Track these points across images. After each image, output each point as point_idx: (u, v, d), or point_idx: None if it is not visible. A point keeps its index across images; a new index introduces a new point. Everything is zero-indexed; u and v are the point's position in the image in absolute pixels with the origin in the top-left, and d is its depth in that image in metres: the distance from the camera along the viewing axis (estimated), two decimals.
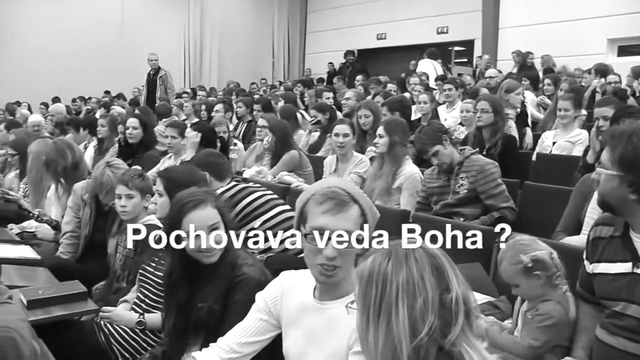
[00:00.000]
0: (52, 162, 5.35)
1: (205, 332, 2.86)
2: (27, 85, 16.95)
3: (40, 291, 3.51)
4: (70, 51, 18.09)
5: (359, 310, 1.70)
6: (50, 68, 17.66)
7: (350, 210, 2.20)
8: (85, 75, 17.67)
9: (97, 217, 4.74)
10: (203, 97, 14.18)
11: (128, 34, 19.17)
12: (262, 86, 17.76)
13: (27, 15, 18.02)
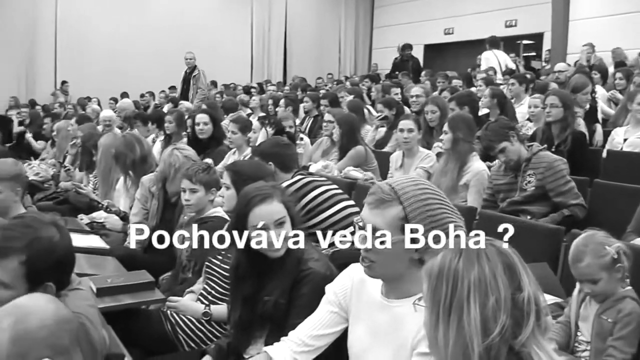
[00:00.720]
0: (121, 155, 5.47)
1: (271, 325, 2.88)
2: (97, 81, 17.32)
3: (109, 280, 3.59)
4: (138, 49, 18.43)
5: (428, 308, 1.67)
6: (120, 65, 18.01)
7: (389, 209, 2.17)
8: (152, 71, 17.94)
9: (165, 209, 4.82)
10: (273, 91, 14.24)
11: (194, 31, 19.37)
12: (328, 81, 17.75)
13: (99, 16, 18.42)
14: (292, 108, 9.73)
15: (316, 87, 15.99)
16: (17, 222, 2.37)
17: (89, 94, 16.08)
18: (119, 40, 18.34)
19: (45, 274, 2.26)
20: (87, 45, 18.10)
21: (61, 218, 3.00)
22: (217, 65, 18.27)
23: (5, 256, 2.27)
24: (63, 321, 1.79)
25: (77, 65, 18.01)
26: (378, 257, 2.19)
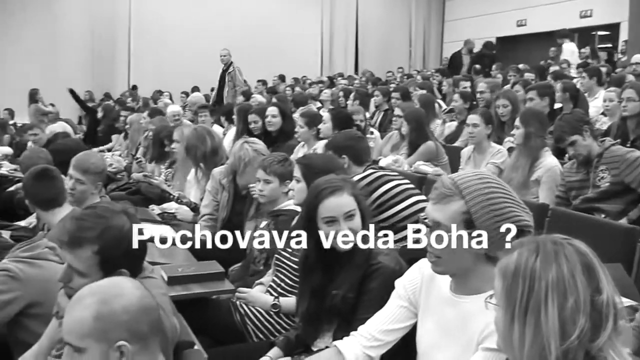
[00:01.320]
0: (192, 148, 5.55)
1: (339, 319, 2.87)
2: (169, 76, 17.63)
3: (180, 269, 3.66)
4: (209, 44, 18.67)
5: (502, 307, 1.64)
6: (190, 60, 18.31)
7: (450, 204, 2.15)
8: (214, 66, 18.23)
9: (235, 201, 4.88)
10: (344, 85, 14.23)
11: (264, 25, 19.53)
12: (398, 75, 17.65)
13: (171, 12, 18.78)
14: (362, 102, 9.70)
15: (386, 81, 15.91)
16: (90, 212, 2.43)
17: (160, 88, 16.36)
18: (190, 36, 18.64)
19: (117, 262, 2.31)
20: (159, 41, 18.47)
21: (132, 207, 3.07)
22: (287, 59, 18.40)
23: (80, 246, 2.34)
24: (145, 309, 1.84)
25: (150, 60, 18.38)
26: (443, 252, 2.17)
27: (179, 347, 2.49)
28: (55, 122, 9.74)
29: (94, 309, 1.78)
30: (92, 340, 1.78)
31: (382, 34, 22.02)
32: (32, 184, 3.82)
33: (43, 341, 2.78)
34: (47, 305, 2.79)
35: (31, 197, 3.84)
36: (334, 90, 12.02)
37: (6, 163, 8.77)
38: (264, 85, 15.63)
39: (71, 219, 2.43)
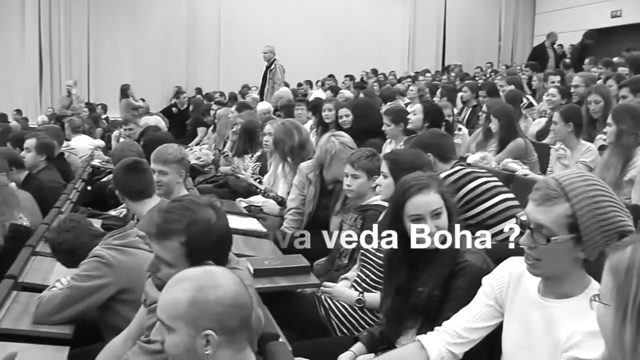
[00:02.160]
0: (279, 142, 5.60)
1: (424, 317, 2.85)
2: (258, 70, 17.84)
3: (266, 262, 3.70)
4: (297, 40, 18.85)
5: (613, 306, 1.55)
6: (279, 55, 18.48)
7: (555, 207, 2.08)
8: (311, 61, 18.30)
9: (322, 195, 4.90)
10: (428, 80, 14.10)
11: (353, 19, 19.54)
12: (487, 70, 17.35)
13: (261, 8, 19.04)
14: (449, 98, 9.58)
15: (474, 76, 15.66)
16: (177, 205, 2.48)
17: (248, 83, 16.57)
18: (279, 32, 18.80)
19: (204, 253, 2.34)
20: (248, 36, 18.70)
21: (219, 200, 3.13)
22: (374, 54, 18.36)
23: (167, 237, 2.39)
24: (238, 305, 1.87)
25: (238, 56, 18.65)
26: (543, 255, 2.12)
27: (264, 339, 2.51)
28: (145, 116, 9.97)
29: (190, 295, 1.83)
30: (182, 322, 1.83)
31: (469, 29, 21.64)
32: (123, 176, 3.93)
33: (132, 327, 2.86)
34: (137, 291, 2.87)
35: (121, 188, 3.95)
36: (420, 85, 11.88)
37: (99, 155, 9.07)
38: (351, 80, 15.63)
39: (159, 211, 2.48)
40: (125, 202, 4.03)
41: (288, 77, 16.31)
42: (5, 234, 4.13)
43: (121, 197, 4.01)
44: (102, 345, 2.98)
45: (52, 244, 3.49)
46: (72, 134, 9.38)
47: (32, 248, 4.10)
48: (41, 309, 3.15)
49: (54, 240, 3.47)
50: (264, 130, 6.33)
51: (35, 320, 3.15)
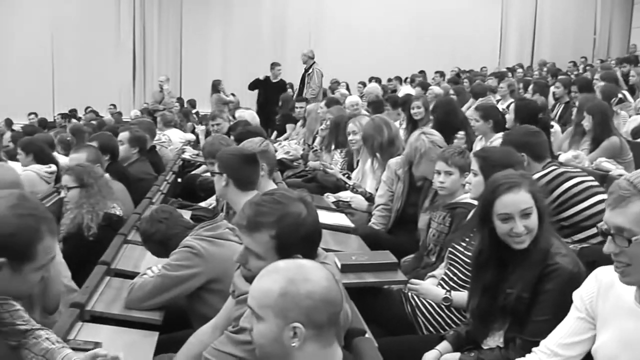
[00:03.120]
0: (369, 138, 5.57)
1: (511, 318, 2.80)
2: (348, 66, 17.89)
3: (353, 257, 3.69)
4: (388, 35, 18.81)
5: None
6: (368, 50, 18.51)
7: (629, 205, 2.01)
8: (401, 56, 18.23)
9: (410, 192, 4.86)
10: (519, 77, 13.82)
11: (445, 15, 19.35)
12: (580, 65, 16.84)
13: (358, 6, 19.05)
14: (542, 93, 9.36)
15: (567, 71, 15.24)
16: (268, 198, 2.49)
17: (338, 78, 16.62)
18: (370, 27, 18.81)
19: (293, 247, 2.35)
20: (338, 32, 18.78)
21: (308, 195, 3.14)
22: (466, 49, 18.13)
23: (258, 230, 2.40)
24: (328, 301, 1.86)
25: (328, 51, 18.72)
26: (630, 259, 2.04)
27: (350, 334, 2.51)
28: (240, 110, 10.10)
29: (281, 285, 1.84)
30: (271, 312, 1.84)
31: (562, 22, 21.05)
32: (239, 165, 3.93)
33: (220, 316, 2.91)
34: (226, 282, 2.91)
35: (234, 176, 3.92)
36: (510, 81, 11.63)
37: (189, 148, 9.25)
38: (441, 76, 15.48)
39: (250, 204, 2.49)
40: (228, 190, 4.01)
41: (378, 73, 16.35)
42: (99, 222, 4.26)
43: (227, 181, 3.99)
44: (190, 332, 3.04)
45: (145, 234, 3.57)
46: (164, 128, 9.60)
47: (124, 236, 4.23)
48: (133, 295, 3.25)
49: (147, 231, 3.55)
50: (348, 129, 6.32)
51: (127, 305, 3.25)
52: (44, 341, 2.34)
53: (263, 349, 1.91)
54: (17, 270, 2.04)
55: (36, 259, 2.05)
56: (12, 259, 2.02)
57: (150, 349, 2.88)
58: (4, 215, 2.01)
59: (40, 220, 2.07)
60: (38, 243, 2.04)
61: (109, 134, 6.64)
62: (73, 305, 3.09)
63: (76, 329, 2.95)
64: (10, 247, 2.00)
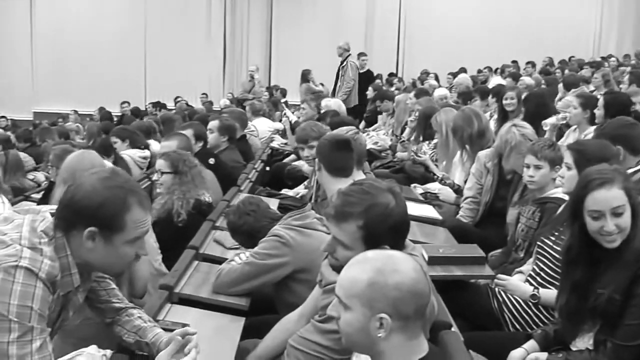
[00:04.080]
0: (458, 129, 5.49)
1: (602, 320, 2.71)
2: (437, 57, 17.74)
3: (441, 250, 3.66)
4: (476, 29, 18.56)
5: None
6: (458, 41, 18.32)
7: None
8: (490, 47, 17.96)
9: (499, 185, 4.77)
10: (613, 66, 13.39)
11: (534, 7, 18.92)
12: None
13: None
14: (638, 84, 9.00)
15: None
16: (356, 188, 2.49)
17: (427, 69, 16.48)
18: (460, 17, 18.59)
19: (380, 237, 2.34)
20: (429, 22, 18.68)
21: (397, 185, 3.12)
22: (559, 39, 17.69)
23: (345, 220, 2.41)
24: (416, 293, 1.85)
25: (418, 41, 18.64)
26: None
27: (437, 327, 2.50)
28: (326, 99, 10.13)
29: (370, 276, 1.84)
30: (358, 302, 1.84)
31: None
32: (329, 150, 3.94)
33: (306, 305, 2.93)
34: (314, 272, 2.94)
35: (325, 161, 3.94)
36: (604, 71, 11.25)
37: (278, 137, 9.34)
38: (533, 67, 15.15)
39: (338, 194, 2.51)
40: (321, 175, 4.04)
41: (467, 63, 16.11)
42: (189, 209, 4.34)
43: (320, 166, 4.01)
44: (275, 317, 3.10)
45: (233, 226, 3.64)
46: (253, 117, 9.72)
47: (213, 223, 4.32)
48: (220, 280, 3.31)
49: (235, 223, 3.61)
50: (431, 121, 6.26)
51: (214, 290, 3.33)
52: (136, 319, 2.44)
53: (349, 337, 1.91)
54: (109, 241, 2.10)
55: (125, 230, 2.11)
56: (102, 228, 2.08)
57: (236, 333, 2.93)
58: (94, 187, 2.09)
59: (128, 192, 2.12)
60: (126, 214, 2.09)
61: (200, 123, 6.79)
62: (162, 287, 3.19)
63: (165, 310, 3.04)
64: (99, 217, 2.07)
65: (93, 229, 2.07)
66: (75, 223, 2.08)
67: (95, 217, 2.06)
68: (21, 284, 1.96)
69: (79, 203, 2.08)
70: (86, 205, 2.07)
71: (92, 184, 2.10)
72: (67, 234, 2.10)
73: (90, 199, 2.07)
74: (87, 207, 2.06)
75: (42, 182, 7.61)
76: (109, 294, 2.47)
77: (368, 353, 1.94)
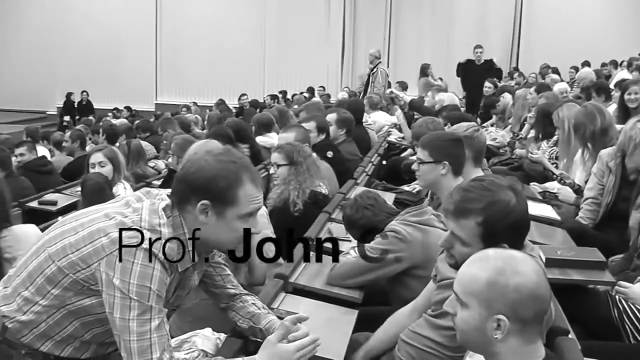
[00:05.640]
0: (580, 126, 5.30)
1: None
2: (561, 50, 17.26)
3: (559, 252, 3.56)
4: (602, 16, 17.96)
5: None
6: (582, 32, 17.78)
7: None
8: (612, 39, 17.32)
9: (622, 186, 4.57)
10: None
11: None
12: None
13: None
14: None
15: None
16: (477, 184, 2.46)
17: (549, 62, 16.06)
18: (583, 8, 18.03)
19: (499, 236, 2.32)
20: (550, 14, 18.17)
21: (519, 183, 3.05)
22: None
23: (464, 216, 2.39)
24: (536, 297, 1.82)
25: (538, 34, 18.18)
26: None
27: (553, 332, 2.45)
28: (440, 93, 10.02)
29: (490, 275, 1.82)
30: (475, 300, 1.83)
31: None
32: (450, 145, 3.85)
33: (420, 300, 2.94)
34: (429, 268, 2.94)
35: (455, 161, 3.81)
36: None
37: (395, 131, 9.32)
38: None
39: (458, 189, 2.49)
40: (444, 179, 3.89)
41: (591, 56, 15.56)
42: (305, 199, 4.40)
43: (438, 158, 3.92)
44: (388, 310, 3.12)
45: (350, 220, 3.65)
46: (370, 110, 9.72)
47: (329, 215, 4.35)
48: (335, 272, 3.36)
49: (352, 217, 3.62)
50: (552, 117, 6.07)
51: (328, 281, 3.38)
52: (250, 306, 2.51)
53: (465, 335, 1.90)
54: (222, 215, 2.14)
55: (238, 204, 2.14)
56: (215, 202, 2.12)
57: (349, 326, 2.96)
58: (208, 161, 2.14)
59: (241, 167, 2.16)
60: (238, 187, 2.13)
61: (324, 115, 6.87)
62: (277, 276, 3.24)
63: (279, 299, 3.10)
64: (212, 189, 2.12)
65: (206, 202, 2.11)
66: (189, 197, 2.13)
67: (208, 190, 2.11)
68: (140, 265, 2.05)
69: (192, 176, 2.13)
70: (199, 177, 2.12)
71: (206, 159, 2.16)
72: (182, 211, 2.16)
73: (203, 172, 2.12)
74: (200, 179, 2.12)
75: (162, 169, 7.90)
76: (224, 280, 2.53)
77: (483, 353, 1.92)
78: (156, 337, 2.05)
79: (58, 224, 2.26)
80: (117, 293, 2.02)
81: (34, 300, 2.17)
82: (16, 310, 2.20)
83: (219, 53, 20.93)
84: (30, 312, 2.18)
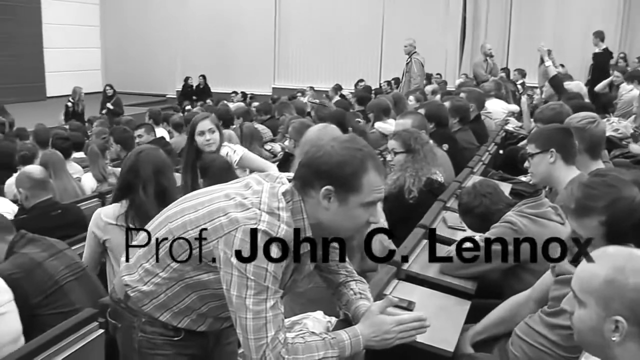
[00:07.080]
0: None
1: None
2: None
3: None
4: None
5: None
6: None
7: None
8: None
9: None
10: None
11: None
12: None
13: None
14: None
15: None
16: (599, 180, 2.37)
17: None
18: None
19: (625, 235, 2.22)
20: None
21: None
22: None
23: (586, 214, 2.31)
24: None
25: None
26: None
27: None
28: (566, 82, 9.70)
29: (607, 273, 1.73)
30: (592, 299, 1.75)
31: None
32: (564, 137, 3.72)
33: (536, 289, 2.89)
34: (545, 263, 2.86)
35: (562, 149, 3.68)
36: None
37: (513, 120, 9.12)
38: None
39: (579, 185, 2.39)
40: (554, 167, 3.77)
41: None
42: (420, 186, 4.36)
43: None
44: (500, 302, 3.05)
45: (467, 207, 3.59)
46: (487, 99, 9.52)
47: (444, 203, 4.31)
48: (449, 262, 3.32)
49: (470, 204, 3.56)
50: None
51: (442, 270, 3.34)
52: (348, 291, 2.47)
53: (581, 335, 1.82)
54: (344, 202, 2.12)
55: (361, 191, 2.11)
56: (338, 187, 2.10)
57: (461, 316, 2.93)
58: (334, 148, 2.12)
59: (366, 155, 2.14)
60: (363, 175, 2.10)
61: (438, 103, 6.78)
62: (391, 263, 3.24)
63: (392, 286, 3.10)
64: (337, 175, 2.09)
65: (330, 187, 2.09)
66: (313, 182, 2.12)
67: (333, 176, 2.10)
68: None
69: (318, 161, 2.12)
70: (325, 162, 2.11)
71: (332, 145, 2.14)
72: (304, 195, 2.15)
73: (329, 157, 2.10)
74: (326, 165, 2.10)
75: (278, 152, 8.01)
76: (338, 266, 2.52)
77: (600, 356, 1.82)
78: (271, 316, 2.07)
79: (178, 201, 2.32)
80: (235, 272, 2.05)
81: (154, 272, 2.25)
82: (138, 280, 2.29)
83: (337, 38, 20.98)
84: (151, 283, 2.26)
